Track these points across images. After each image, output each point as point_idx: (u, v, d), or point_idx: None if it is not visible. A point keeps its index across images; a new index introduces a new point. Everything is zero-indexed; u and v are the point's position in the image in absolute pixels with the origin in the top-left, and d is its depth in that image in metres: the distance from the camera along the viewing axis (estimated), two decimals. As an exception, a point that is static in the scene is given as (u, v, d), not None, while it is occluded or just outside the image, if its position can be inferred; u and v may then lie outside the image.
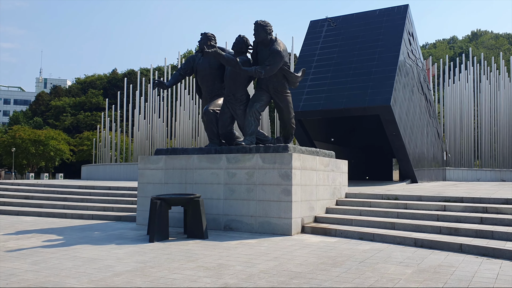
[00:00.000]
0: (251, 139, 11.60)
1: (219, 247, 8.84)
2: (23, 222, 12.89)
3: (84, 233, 10.83)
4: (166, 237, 9.81)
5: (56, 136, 57.15)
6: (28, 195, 17.17)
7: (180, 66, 13.00)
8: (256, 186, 10.58)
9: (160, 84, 12.34)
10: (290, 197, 10.15)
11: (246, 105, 11.95)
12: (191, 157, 11.58)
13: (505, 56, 37.55)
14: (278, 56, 11.19)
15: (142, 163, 12.32)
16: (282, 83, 11.79)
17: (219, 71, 12.57)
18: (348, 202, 12.23)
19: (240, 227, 10.68)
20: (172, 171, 11.79)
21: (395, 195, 12.31)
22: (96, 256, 8.06)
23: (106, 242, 9.54)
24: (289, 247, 8.80)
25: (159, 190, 11.88)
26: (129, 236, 10.28)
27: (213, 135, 12.23)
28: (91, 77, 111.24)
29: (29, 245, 9.15)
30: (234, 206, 10.81)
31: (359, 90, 18.34)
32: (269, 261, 7.48)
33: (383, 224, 10.19)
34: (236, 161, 10.92)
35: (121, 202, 14.86)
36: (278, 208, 10.25)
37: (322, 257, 7.78)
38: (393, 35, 19.49)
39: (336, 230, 10.05)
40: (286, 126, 12.23)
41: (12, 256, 8.08)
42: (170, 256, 7.96)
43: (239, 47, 11.92)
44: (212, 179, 11.21)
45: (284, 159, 10.31)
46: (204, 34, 12.72)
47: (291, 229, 10.09)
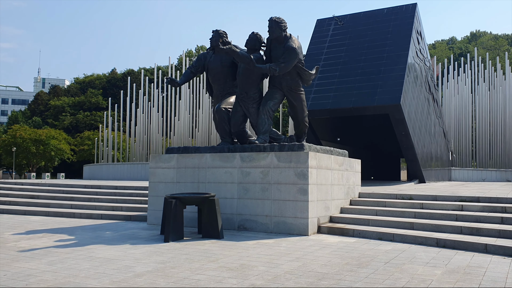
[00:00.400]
0: (265, 137, 11.42)
1: (237, 247, 8.66)
2: (31, 221, 12.68)
3: (95, 233, 10.64)
4: (181, 237, 9.62)
5: (57, 136, 56.85)
6: (33, 195, 16.96)
7: (192, 64, 12.81)
8: (271, 185, 10.39)
9: (172, 82, 12.15)
10: (307, 197, 9.97)
11: (259, 103, 11.77)
12: (204, 156, 11.39)
13: (506, 57, 37.48)
14: (293, 53, 11.02)
15: (153, 162, 12.12)
16: (296, 81, 11.61)
17: (231, 69, 12.38)
18: (362, 202, 12.05)
19: (255, 227, 10.49)
20: (184, 170, 11.60)
21: (410, 195, 12.14)
22: (112, 256, 7.86)
23: (119, 242, 9.35)
24: (308, 247, 8.62)
25: (171, 189, 11.69)
26: (142, 236, 10.08)
27: (225, 134, 12.05)
28: (90, 76, 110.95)
29: (42, 245, 8.95)
30: (249, 206, 10.63)
31: (368, 89, 18.18)
32: (292, 262, 7.29)
33: (401, 224, 10.01)
34: (250, 160, 10.73)
35: (130, 201, 14.65)
36: (294, 208, 10.07)
37: (345, 258, 7.60)
38: (402, 34, 19.34)
39: (354, 230, 9.87)
40: (300, 124, 12.05)
41: (26, 256, 7.89)
42: (189, 257, 7.77)
43: (253, 44, 11.74)
44: (225, 178, 11.02)
45: (300, 158, 10.13)
46: (216, 31, 12.53)
47: (307, 229, 9.90)
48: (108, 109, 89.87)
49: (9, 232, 10.77)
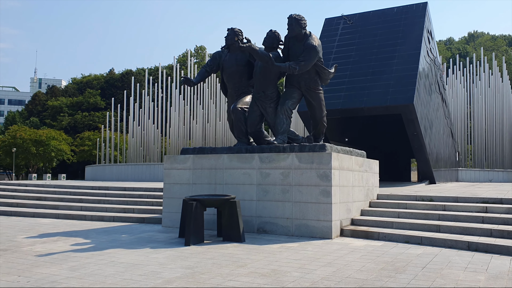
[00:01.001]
0: (283, 138, 11.14)
1: (261, 251, 8.38)
2: (42, 224, 12.36)
3: (110, 236, 10.34)
4: (202, 240, 9.34)
5: (57, 136, 56.41)
6: (40, 196, 16.62)
7: (206, 62, 12.53)
8: (292, 187, 10.11)
9: (188, 81, 11.86)
10: (330, 199, 9.70)
11: (276, 103, 11.50)
12: (221, 157, 11.10)
13: (506, 57, 37.39)
14: (313, 51, 10.76)
15: (168, 162, 11.83)
16: (315, 79, 11.34)
17: (246, 67, 12.11)
18: (382, 204, 11.78)
19: (275, 230, 10.21)
20: (201, 171, 11.31)
21: (430, 197, 11.89)
22: (135, 261, 7.57)
23: (138, 245, 9.05)
24: (336, 251, 8.34)
25: (186, 190, 11.39)
26: (160, 239, 9.79)
27: (241, 134, 11.77)
28: (87, 77, 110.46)
29: (58, 249, 8.65)
30: (268, 208, 10.35)
31: (380, 89, 17.93)
32: (324, 267, 7.01)
33: (427, 226, 9.75)
34: (270, 161, 10.45)
35: (141, 203, 14.35)
36: (317, 210, 9.79)
37: (378, 263, 7.33)
38: (413, 33, 19.10)
39: (379, 233, 9.60)
40: (318, 124, 11.78)
41: (46, 261, 7.58)
42: (215, 261, 7.49)
43: (271, 42, 11.47)
44: (243, 180, 10.74)
45: (323, 159, 9.85)
46: (231, 29, 12.26)
47: (331, 232, 9.63)
48: (107, 109, 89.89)
49: (22, 235, 10.46)
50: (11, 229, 11.49)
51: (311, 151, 10.23)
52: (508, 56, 76.66)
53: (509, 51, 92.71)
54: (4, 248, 8.80)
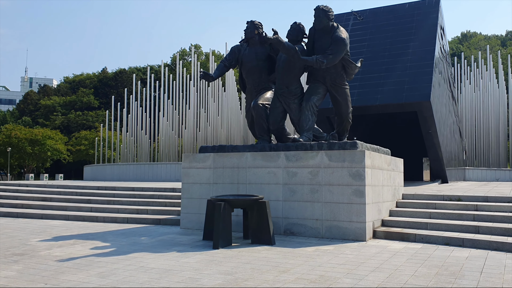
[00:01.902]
0: (309, 135, 10.65)
1: (297, 254, 7.88)
2: (53, 226, 11.77)
3: (129, 238, 9.78)
4: (230, 243, 8.82)
5: (53, 136, 55.48)
6: (46, 197, 16.00)
7: (225, 57, 12.00)
8: (322, 187, 9.62)
9: (206, 76, 11.33)
10: (364, 199, 9.21)
11: (300, 99, 11.00)
12: (244, 155, 10.59)
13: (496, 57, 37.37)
14: (342, 44, 10.28)
15: (186, 161, 11.28)
16: (341, 74, 10.87)
17: (266, 62, 11.61)
18: (409, 204, 11.32)
19: (304, 232, 9.71)
20: (222, 170, 10.79)
21: (458, 196, 11.45)
22: (166, 266, 7.04)
23: (163, 249, 8.52)
24: (377, 255, 7.86)
25: (206, 191, 10.87)
26: (184, 242, 9.25)
27: (263, 131, 11.25)
28: (79, 76, 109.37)
29: (79, 254, 8.10)
30: (296, 209, 9.84)
31: (395, 86, 17.50)
32: (374, 272, 6.53)
33: (464, 227, 9.30)
34: (297, 159, 9.95)
35: (153, 204, 13.79)
36: (349, 211, 9.30)
37: (429, 267, 6.86)
38: (427, 29, 18.68)
39: (416, 235, 9.13)
40: (343, 121, 11.30)
41: (69, 267, 7.03)
42: (253, 266, 6.97)
43: (295, 35, 10.97)
44: (268, 179, 10.23)
45: (356, 157, 9.37)
46: (251, 22, 11.76)
47: (365, 234, 9.15)
48: (101, 109, 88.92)
49: (35, 238, 9.88)
50: (22, 231, 10.90)
51: (341, 148, 9.74)
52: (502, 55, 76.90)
53: (502, 51, 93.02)
54: (20, 253, 8.23)
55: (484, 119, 34.55)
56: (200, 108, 32.61)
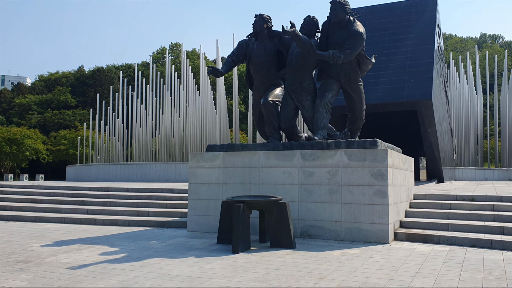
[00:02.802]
0: (323, 133, 10.25)
1: (325, 259, 7.45)
2: (50, 230, 11.08)
3: (137, 242, 9.20)
4: (249, 247, 8.34)
5: (32, 135, 53.85)
6: (35, 199, 15.21)
7: (232, 52, 11.50)
8: (341, 187, 9.21)
9: (215, 71, 10.83)
10: (386, 199, 8.85)
11: (313, 95, 10.60)
12: (256, 154, 10.11)
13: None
14: (360, 39, 9.92)
15: (194, 161, 10.74)
16: (356, 70, 10.51)
17: (276, 57, 11.17)
18: (423, 204, 11.02)
19: (322, 234, 9.28)
20: (233, 169, 10.28)
21: (471, 196, 11.20)
22: (190, 273, 6.53)
23: (178, 254, 7.98)
24: (408, 258, 7.49)
25: (216, 191, 10.36)
26: (197, 246, 8.72)
27: (273, 130, 10.81)
28: (55, 74, 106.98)
29: (89, 260, 7.50)
30: (313, 210, 9.42)
31: (394, 84, 17.26)
32: (418, 278, 6.14)
33: (488, 228, 9.02)
34: (314, 158, 9.52)
35: (153, 205, 13.18)
36: (371, 212, 8.92)
37: (472, 271, 6.51)
38: (425, 27, 18.51)
39: (440, 237, 8.80)
40: (357, 119, 10.94)
41: (83, 275, 6.45)
42: (285, 272, 6.51)
43: (309, 29, 10.56)
44: (283, 179, 9.78)
45: (377, 156, 8.99)
46: (260, 15, 11.31)
47: (388, 237, 8.78)
48: (78, 107, 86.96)
49: (35, 243, 9.21)
50: (18, 236, 10.20)
51: (360, 147, 9.36)
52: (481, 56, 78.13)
53: (478, 52, 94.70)
54: (24, 260, 7.59)
55: (463, 119, 34.76)
56: (185, 108, 31.94)
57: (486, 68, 37.38)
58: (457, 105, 34.62)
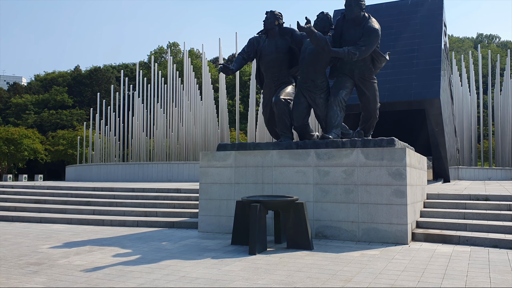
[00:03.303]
0: (338, 132, 10.07)
1: (346, 260, 7.25)
2: (58, 231, 10.84)
3: (149, 243, 8.98)
4: (265, 248, 8.14)
5: (30, 135, 53.44)
6: (38, 199, 14.96)
7: (243, 49, 11.28)
8: (357, 187, 9.02)
9: (225, 69, 10.60)
10: (405, 199, 8.66)
11: (327, 93, 10.42)
12: (269, 153, 9.90)
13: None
14: (375, 36, 9.75)
15: (205, 160, 10.53)
16: (370, 68, 10.33)
17: (287, 55, 10.98)
18: (437, 204, 10.85)
19: (338, 235, 9.09)
20: (245, 169, 10.08)
21: (485, 196, 11.03)
22: (210, 275, 6.32)
23: (194, 255, 7.77)
24: (432, 259, 7.31)
25: (227, 191, 10.15)
26: (212, 247, 8.50)
27: (285, 128, 10.61)
28: (51, 74, 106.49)
29: (102, 262, 7.29)
30: (328, 210, 9.22)
31: (402, 83, 17.10)
32: (447, 280, 5.95)
33: (508, 228, 8.85)
34: (329, 157, 9.33)
35: (161, 206, 12.95)
36: (389, 213, 8.73)
37: (501, 273, 6.33)
38: (432, 25, 18.36)
39: (459, 237, 8.63)
40: (370, 117, 10.76)
41: (100, 278, 6.24)
42: (308, 275, 6.31)
43: (322, 25, 10.37)
44: (297, 179, 9.58)
45: (395, 155, 8.80)
46: (271, 12, 11.12)
47: (406, 237, 8.59)
48: (75, 107, 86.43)
49: (44, 244, 8.98)
50: (25, 237, 9.96)
51: (377, 146, 9.17)
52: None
53: (475, 53, 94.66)
54: (36, 262, 7.36)
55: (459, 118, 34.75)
56: (186, 108, 31.71)
57: (488, 67, 37.26)
58: (455, 104, 34.63)
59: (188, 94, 31.04)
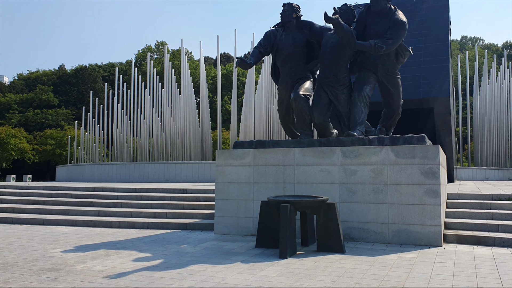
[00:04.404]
0: (362, 129, 9.65)
1: (385, 264, 6.82)
2: (64, 234, 10.22)
3: (167, 247, 8.44)
4: (295, 251, 7.66)
5: (17, 134, 52.15)
6: (37, 200, 14.27)
7: (259, 42, 10.79)
8: (387, 186, 8.60)
9: (243, 63, 10.10)
10: (438, 199, 8.26)
11: (349, 89, 9.99)
12: (291, 151, 9.43)
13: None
14: (403, 29, 9.36)
15: (221, 158, 10.02)
16: (394, 62, 9.93)
17: (305, 49, 10.54)
18: (460, 204, 10.48)
19: (366, 237, 8.65)
20: (265, 167, 9.59)
21: (507, 195, 10.72)
22: (247, 282, 5.83)
23: (220, 259, 7.27)
24: (478, 263, 6.91)
25: (246, 191, 9.66)
26: (237, 251, 8.00)
27: (305, 125, 10.14)
28: (35, 73, 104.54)
29: (124, 268, 6.75)
30: (356, 211, 8.78)
31: (410, 81, 16.79)
32: (508, 286, 5.54)
33: (543, 230, 8.51)
34: (356, 156, 8.89)
35: (168, 206, 12.40)
36: (421, 213, 8.32)
37: (559, 277, 5.95)
38: (438, 24, 18.11)
39: (495, 239, 8.26)
40: (393, 114, 10.36)
41: (127, 285, 5.72)
42: (354, 280, 5.86)
43: (346, 18, 9.93)
44: (321, 178, 9.12)
45: (428, 153, 8.40)
46: (289, 4, 10.66)
47: (440, 239, 8.19)
48: (61, 107, 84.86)
49: (54, 248, 8.38)
50: (31, 240, 9.33)
51: (407, 143, 8.77)
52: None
53: (460, 54, 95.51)
54: (51, 268, 6.78)
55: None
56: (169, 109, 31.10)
57: (467, 70, 37.36)
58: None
59: (169, 95, 30.63)
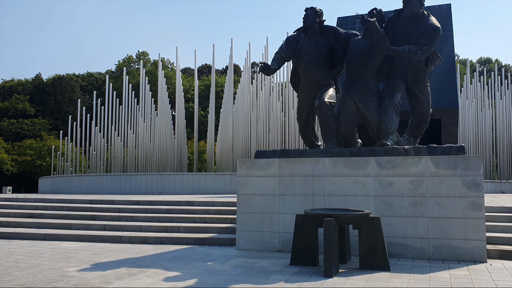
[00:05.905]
0: (394, 138, 9.22)
1: (443, 282, 6.33)
2: (73, 250, 9.43)
3: (193, 264, 7.78)
4: (338, 269, 7.09)
5: (-5, 144, 50.34)
6: (32, 213, 13.37)
7: (280, 47, 10.28)
8: (427, 199, 8.14)
9: (266, 68, 9.58)
10: (482, 212, 7.84)
11: (378, 96, 9.57)
12: (320, 161, 8.91)
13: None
14: (437, 35, 9.04)
15: (243, 168, 9.42)
16: (423, 69, 9.58)
17: (328, 55, 10.12)
18: (488, 217, 10.06)
19: (404, 253, 8.16)
20: (291, 178, 9.03)
21: (534, 208, 10.40)
22: (308, 306, 5.23)
23: (258, 279, 6.66)
24: (537, 280, 6.46)
25: (271, 204, 9.08)
26: (271, 268, 7.39)
27: (331, 135, 9.64)
28: (10, 82, 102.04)
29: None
30: (393, 225, 8.29)
31: (417, 92, 16.50)
32: None
33: None
34: (393, 166, 8.42)
35: (178, 220, 11.69)
36: (464, 227, 7.88)
37: None
38: (443, 34, 17.76)
39: (542, 254, 7.86)
40: (422, 123, 9.94)
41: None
42: (425, 303, 5.32)
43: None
44: (355, 190, 8.61)
45: (471, 164, 7.98)
46: (312, 8, 10.25)
47: (485, 254, 7.77)
48: (38, 117, 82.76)
49: (69, 267, 7.63)
50: (39, 258, 8.53)
51: (445, 153, 8.34)
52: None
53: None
54: (77, 290, 6.06)
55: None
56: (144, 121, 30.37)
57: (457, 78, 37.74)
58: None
59: (144, 108, 29.98)
